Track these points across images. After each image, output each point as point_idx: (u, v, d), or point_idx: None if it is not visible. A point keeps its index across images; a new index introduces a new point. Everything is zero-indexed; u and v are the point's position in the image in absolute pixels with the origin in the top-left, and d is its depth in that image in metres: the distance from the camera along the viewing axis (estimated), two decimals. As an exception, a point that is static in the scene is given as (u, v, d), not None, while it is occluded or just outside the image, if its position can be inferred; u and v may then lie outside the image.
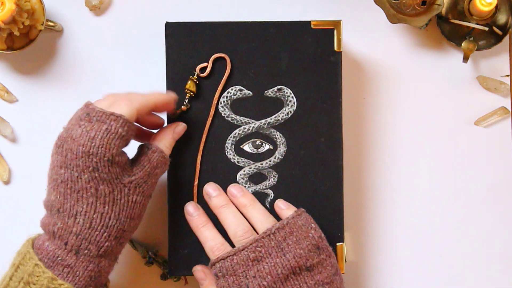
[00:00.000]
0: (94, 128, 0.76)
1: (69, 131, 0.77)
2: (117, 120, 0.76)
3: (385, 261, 0.94)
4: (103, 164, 0.76)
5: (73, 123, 0.77)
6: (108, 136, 0.76)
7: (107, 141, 0.76)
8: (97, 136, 0.75)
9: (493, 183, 0.95)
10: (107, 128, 0.76)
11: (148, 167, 0.79)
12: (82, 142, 0.75)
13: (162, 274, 0.93)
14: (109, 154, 0.76)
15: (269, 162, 0.87)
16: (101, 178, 0.76)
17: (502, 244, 0.94)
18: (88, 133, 0.76)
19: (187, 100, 0.86)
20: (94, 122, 0.76)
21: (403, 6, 0.90)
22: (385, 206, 0.94)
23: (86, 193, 0.76)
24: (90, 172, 0.75)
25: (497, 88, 0.94)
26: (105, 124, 0.76)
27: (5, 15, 0.85)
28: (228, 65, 0.86)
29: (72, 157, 0.76)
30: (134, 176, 0.78)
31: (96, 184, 0.76)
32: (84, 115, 0.77)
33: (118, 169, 0.77)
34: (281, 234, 0.79)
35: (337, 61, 0.87)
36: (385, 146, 0.94)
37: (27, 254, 0.76)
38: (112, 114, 0.76)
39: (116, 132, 0.76)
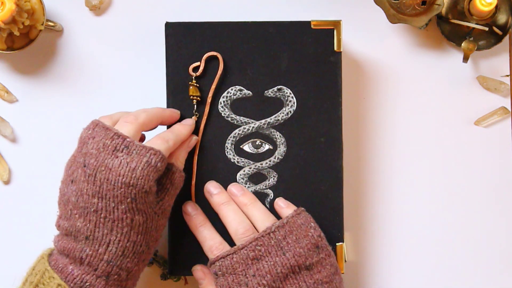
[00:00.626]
0: (134, 160, 0.77)
1: (101, 160, 0.77)
2: (156, 155, 0.78)
3: (385, 261, 0.94)
4: (141, 195, 0.76)
5: (106, 152, 0.77)
6: (148, 169, 0.77)
7: (146, 173, 0.76)
8: (137, 168, 0.76)
9: (493, 183, 0.95)
10: (147, 161, 0.77)
11: (171, 189, 0.81)
12: (123, 173, 0.76)
13: (162, 274, 0.93)
14: (147, 186, 0.76)
15: (269, 162, 0.87)
16: (137, 209, 0.76)
17: (502, 244, 0.94)
18: (128, 164, 0.76)
19: (196, 107, 0.86)
20: (134, 155, 0.77)
21: (403, 6, 0.90)
22: (385, 206, 0.94)
23: (122, 223, 0.76)
24: (128, 203, 0.76)
25: (497, 88, 0.94)
26: (145, 157, 0.77)
27: (5, 15, 0.85)
28: (220, 63, 0.86)
29: (109, 188, 0.76)
30: (162, 201, 0.80)
31: (132, 215, 0.76)
32: (122, 147, 0.77)
33: (152, 198, 0.78)
34: (281, 232, 0.80)
35: (337, 61, 0.87)
36: (385, 146, 0.94)
37: (46, 273, 0.76)
38: (152, 149, 0.78)
39: (155, 166, 0.77)
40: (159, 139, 0.81)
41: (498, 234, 0.94)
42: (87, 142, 0.79)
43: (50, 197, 0.93)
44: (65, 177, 0.80)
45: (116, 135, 0.78)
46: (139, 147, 0.77)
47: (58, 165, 0.93)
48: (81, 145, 0.79)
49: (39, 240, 0.92)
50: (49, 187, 0.93)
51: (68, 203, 0.78)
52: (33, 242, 0.92)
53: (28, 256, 0.91)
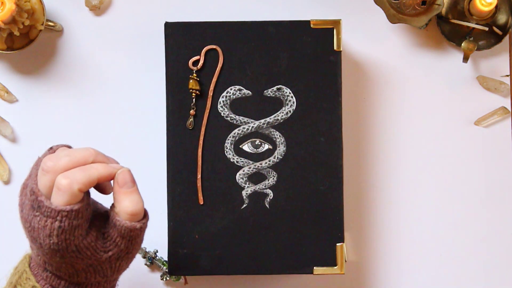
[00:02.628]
0: (47, 225, 0.71)
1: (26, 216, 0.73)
2: (67, 216, 0.71)
3: (385, 261, 0.94)
4: (69, 254, 0.72)
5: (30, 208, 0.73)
6: (63, 233, 0.71)
7: (64, 237, 0.71)
8: (53, 234, 0.71)
9: (493, 183, 0.94)
10: (59, 226, 0.71)
11: (121, 243, 0.74)
12: (42, 237, 0.71)
13: (162, 274, 0.93)
14: (72, 246, 0.72)
15: (269, 162, 0.87)
16: (72, 259, 0.72)
17: (502, 244, 0.94)
18: (43, 229, 0.71)
19: (194, 100, 0.86)
20: (46, 217, 0.71)
21: (403, 6, 0.90)
22: (385, 206, 0.94)
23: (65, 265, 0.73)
24: (59, 258, 0.72)
25: (497, 88, 0.94)
26: (57, 221, 0.71)
27: (5, 15, 0.85)
28: (220, 56, 0.87)
29: (37, 245, 0.72)
30: (111, 252, 0.74)
31: (71, 262, 0.73)
32: (36, 206, 0.72)
33: (89, 252, 0.73)
34: None
35: (336, 60, 0.87)
36: (385, 146, 0.94)
37: (24, 274, 0.75)
38: (61, 210, 0.71)
39: (71, 226, 0.71)
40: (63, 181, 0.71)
41: (498, 234, 0.94)
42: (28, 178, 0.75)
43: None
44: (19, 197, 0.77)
45: (33, 192, 0.72)
46: (49, 210, 0.71)
47: (58, 165, 0.93)
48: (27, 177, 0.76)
49: (39, 240, 0.92)
50: (49, 187, 0.93)
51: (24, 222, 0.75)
52: (33, 242, 0.93)
53: (28, 256, 0.91)
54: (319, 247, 0.86)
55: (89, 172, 0.71)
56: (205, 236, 0.87)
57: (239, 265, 0.87)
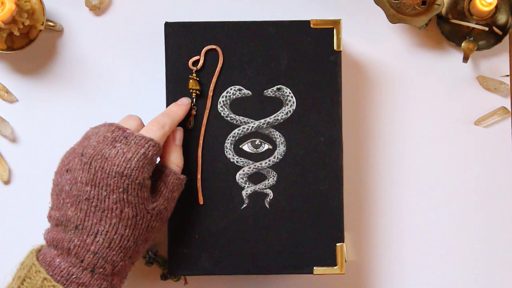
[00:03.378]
0: (131, 151, 0.77)
1: (98, 150, 0.77)
2: (155, 147, 0.78)
3: (385, 261, 0.94)
4: (133, 187, 0.76)
5: (105, 143, 0.78)
6: (143, 160, 0.77)
7: (141, 165, 0.77)
8: (133, 158, 0.76)
9: (493, 183, 0.94)
10: (144, 153, 0.77)
11: (165, 192, 0.81)
12: (117, 162, 0.76)
13: (162, 274, 0.93)
14: (141, 177, 0.77)
15: (269, 162, 0.87)
16: (128, 201, 0.76)
17: (502, 244, 0.94)
18: (124, 154, 0.76)
19: (194, 100, 0.86)
20: (132, 145, 0.77)
21: (403, 6, 0.90)
22: (385, 206, 0.94)
23: (111, 214, 0.76)
24: (119, 193, 0.76)
25: (497, 88, 0.94)
26: (143, 148, 0.77)
27: (5, 15, 0.85)
28: (220, 56, 0.87)
29: (103, 176, 0.76)
30: (156, 203, 0.79)
31: (122, 206, 0.76)
32: (120, 138, 0.78)
33: (146, 194, 0.78)
34: None
35: (336, 60, 0.87)
36: (385, 146, 0.94)
37: (33, 267, 0.76)
38: (151, 139, 0.78)
39: (151, 158, 0.78)
40: (155, 124, 0.81)
41: (498, 234, 0.94)
42: (90, 136, 0.79)
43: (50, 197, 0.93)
44: (60, 167, 0.80)
45: (117, 128, 0.78)
46: (138, 137, 0.78)
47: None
48: (83, 139, 0.80)
49: (39, 240, 0.92)
50: (49, 187, 0.93)
51: (61, 192, 0.78)
52: (33, 242, 0.92)
53: (28, 256, 0.91)
54: (319, 247, 0.86)
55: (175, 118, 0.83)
56: (205, 236, 0.87)
57: (239, 265, 0.87)
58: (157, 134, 0.80)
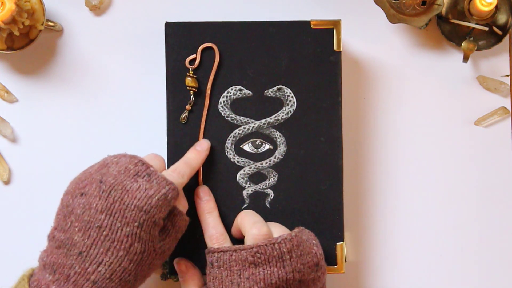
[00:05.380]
0: (153, 188, 0.77)
1: (119, 180, 0.77)
2: (174, 190, 0.79)
3: (385, 261, 0.94)
4: (148, 224, 0.76)
5: (126, 175, 0.78)
6: (163, 201, 0.77)
7: (161, 204, 0.77)
8: (154, 196, 0.77)
9: (493, 183, 0.94)
10: (165, 193, 0.78)
11: (172, 232, 0.81)
12: (138, 197, 0.76)
13: (162, 274, 0.93)
14: (158, 216, 0.77)
15: (269, 162, 0.87)
16: (139, 236, 0.76)
17: (502, 244, 0.94)
18: (146, 190, 0.77)
19: (192, 97, 0.86)
20: (154, 183, 0.78)
21: (403, 6, 0.90)
22: (385, 206, 0.94)
23: (120, 246, 0.75)
24: (133, 227, 0.76)
25: (497, 88, 0.94)
26: (164, 189, 0.78)
27: (5, 15, 0.85)
28: (216, 54, 0.87)
29: (120, 207, 0.76)
30: (163, 242, 0.79)
31: (132, 240, 0.76)
32: (143, 174, 0.78)
33: (156, 233, 0.78)
34: (287, 246, 0.79)
35: (336, 60, 0.87)
36: (385, 146, 0.95)
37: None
38: (172, 183, 0.79)
39: (170, 200, 0.78)
40: (175, 172, 0.82)
41: (498, 234, 0.94)
42: (109, 165, 0.79)
43: (50, 197, 0.93)
44: (73, 189, 0.79)
45: (140, 162, 0.79)
46: (160, 178, 0.78)
47: (58, 165, 0.93)
48: (102, 167, 0.80)
49: (39, 240, 0.92)
50: (49, 187, 0.93)
51: (71, 215, 0.77)
52: (33, 242, 0.92)
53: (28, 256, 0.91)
54: (319, 247, 0.86)
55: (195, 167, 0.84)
56: (205, 236, 0.87)
57: (240, 265, 0.87)
58: (177, 181, 0.81)
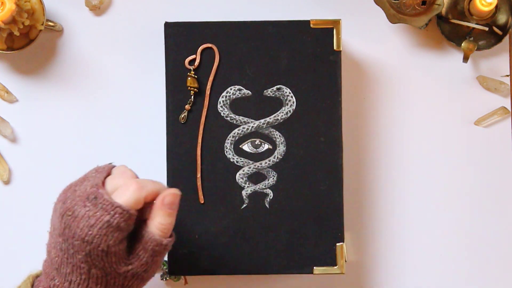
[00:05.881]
0: (95, 216, 0.73)
1: (73, 204, 0.74)
2: (122, 214, 0.73)
3: (385, 261, 0.94)
4: (96, 253, 0.73)
5: (81, 199, 0.74)
6: (107, 229, 0.73)
7: (105, 233, 0.73)
8: (96, 225, 0.73)
9: (493, 183, 0.94)
10: (108, 220, 0.73)
11: (144, 257, 0.76)
12: (81, 226, 0.73)
13: (162, 274, 0.93)
14: (104, 245, 0.73)
15: (269, 162, 0.87)
16: (93, 264, 0.74)
17: (502, 244, 0.94)
18: (89, 219, 0.73)
19: (192, 97, 0.86)
20: (99, 209, 0.73)
21: (403, 6, 0.90)
22: (385, 206, 0.94)
23: (80, 270, 0.74)
24: (83, 256, 0.73)
25: (497, 88, 0.94)
26: (108, 215, 0.73)
27: (5, 15, 0.85)
28: (216, 55, 0.87)
29: (69, 234, 0.73)
30: (131, 266, 0.75)
31: (89, 266, 0.74)
32: (92, 197, 0.74)
33: (114, 259, 0.74)
34: None
35: (336, 60, 0.87)
36: (385, 146, 0.94)
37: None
38: (118, 206, 0.73)
39: (117, 226, 0.73)
40: (134, 184, 0.75)
41: (498, 234, 0.94)
42: (83, 180, 0.77)
43: (50, 197, 0.93)
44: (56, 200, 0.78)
45: (96, 185, 0.75)
46: (106, 202, 0.73)
47: (58, 165, 0.93)
48: (81, 179, 0.78)
49: (39, 240, 0.92)
50: (49, 187, 0.93)
51: (50, 227, 0.77)
52: (33, 242, 0.92)
53: (28, 256, 0.91)
54: (319, 247, 0.86)
55: (158, 185, 0.77)
56: (205, 236, 0.87)
57: (239, 265, 0.87)
58: (132, 196, 0.74)
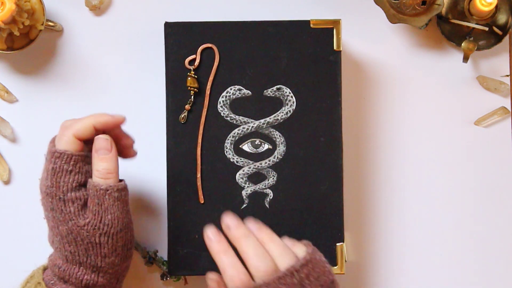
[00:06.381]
0: (45, 169, 0.77)
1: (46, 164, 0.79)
2: (60, 157, 0.76)
3: (385, 261, 0.94)
4: (57, 204, 0.76)
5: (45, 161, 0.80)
6: (55, 175, 0.75)
7: (56, 180, 0.76)
8: (48, 177, 0.76)
9: (493, 183, 0.94)
10: (53, 167, 0.76)
11: (92, 206, 0.77)
12: (42, 184, 0.78)
13: (162, 274, 0.93)
14: (60, 192, 0.75)
15: (269, 162, 0.87)
16: (57, 218, 0.76)
17: (502, 244, 0.94)
18: (42, 174, 0.78)
19: (192, 97, 0.86)
20: (46, 163, 0.78)
21: (403, 6, 0.90)
22: (385, 206, 0.94)
23: (55, 231, 0.77)
24: (49, 212, 0.76)
25: (497, 88, 0.94)
26: (51, 163, 0.76)
27: (5, 15, 0.85)
28: (216, 55, 0.87)
29: (41, 196, 0.79)
30: (88, 219, 0.76)
31: (56, 224, 0.76)
32: (45, 154, 0.79)
33: (73, 209, 0.76)
34: (304, 271, 0.74)
35: (336, 60, 0.87)
36: (385, 146, 0.94)
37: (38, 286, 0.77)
38: (55, 152, 0.76)
39: (62, 170, 0.75)
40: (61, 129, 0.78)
41: (498, 234, 0.94)
42: None
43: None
44: None
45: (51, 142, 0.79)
46: (48, 153, 0.77)
47: (58, 165, 0.93)
48: None
49: (39, 240, 0.92)
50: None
51: None
52: (33, 242, 0.92)
53: (28, 256, 0.91)
54: (319, 247, 0.86)
55: (84, 119, 0.77)
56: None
57: (239, 265, 0.87)
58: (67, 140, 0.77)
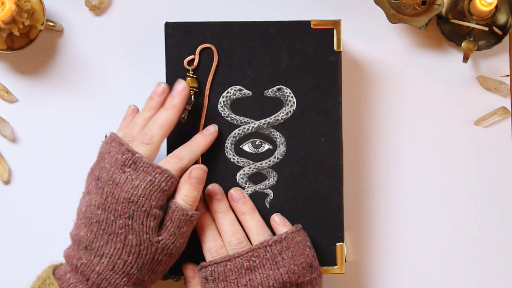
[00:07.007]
0: (139, 178, 0.78)
1: (110, 174, 0.79)
2: (162, 174, 0.79)
3: (385, 261, 0.94)
4: (139, 214, 0.78)
5: (116, 167, 0.79)
6: (150, 188, 0.78)
7: (149, 192, 0.78)
8: (140, 186, 0.78)
9: (493, 183, 0.94)
10: (151, 180, 0.78)
11: (171, 227, 0.80)
12: (126, 189, 0.78)
13: (162, 274, 0.93)
14: (148, 205, 0.78)
15: (269, 162, 0.87)
16: (132, 228, 0.78)
17: (502, 244, 0.94)
18: (132, 181, 0.78)
19: (192, 97, 0.86)
20: (140, 172, 0.79)
21: (403, 6, 0.90)
22: (385, 206, 0.94)
23: (116, 238, 0.78)
24: (125, 219, 0.77)
25: (497, 88, 0.94)
26: (150, 175, 0.78)
27: (5, 15, 0.85)
28: (215, 55, 0.87)
29: (112, 201, 0.78)
30: (161, 237, 0.79)
31: (126, 232, 0.78)
32: (129, 163, 0.79)
33: (152, 224, 0.78)
34: (278, 247, 0.81)
35: (336, 60, 0.87)
36: (385, 146, 0.94)
37: (47, 280, 0.78)
38: (158, 167, 0.79)
39: (159, 185, 0.78)
40: (173, 157, 0.82)
41: (498, 234, 0.94)
42: (104, 156, 0.81)
43: (50, 197, 0.93)
44: (84, 189, 0.83)
45: (126, 150, 0.80)
46: (146, 165, 0.79)
47: (58, 165, 0.93)
48: (99, 159, 0.82)
49: (39, 239, 0.92)
50: (49, 187, 0.93)
51: (80, 213, 0.81)
52: (33, 242, 0.92)
53: (28, 256, 0.91)
54: (319, 247, 0.86)
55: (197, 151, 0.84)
56: (205, 236, 0.87)
57: (239, 265, 0.87)
58: (174, 166, 0.81)
